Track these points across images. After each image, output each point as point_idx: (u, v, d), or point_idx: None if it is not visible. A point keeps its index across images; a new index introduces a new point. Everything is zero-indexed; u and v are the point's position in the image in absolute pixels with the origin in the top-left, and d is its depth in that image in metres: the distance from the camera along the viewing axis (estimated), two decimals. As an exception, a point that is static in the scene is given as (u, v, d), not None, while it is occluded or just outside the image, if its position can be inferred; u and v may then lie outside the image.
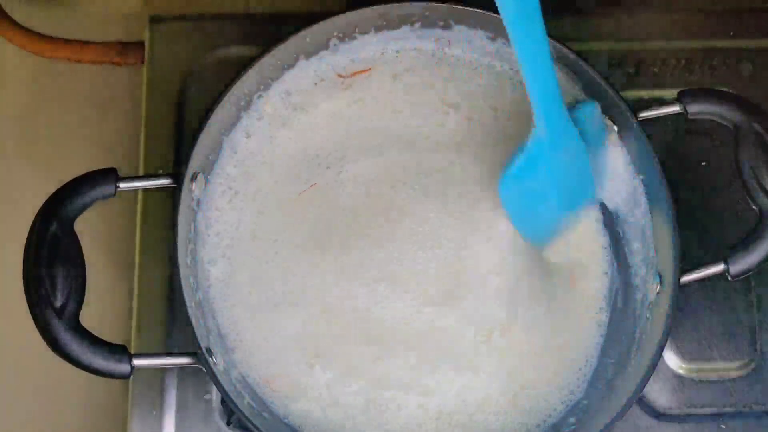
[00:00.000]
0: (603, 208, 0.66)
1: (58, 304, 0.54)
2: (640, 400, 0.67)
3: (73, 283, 0.54)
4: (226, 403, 0.57)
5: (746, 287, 0.70)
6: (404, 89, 0.68)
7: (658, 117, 0.61)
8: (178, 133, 0.71)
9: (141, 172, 0.69)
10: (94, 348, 0.54)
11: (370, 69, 0.67)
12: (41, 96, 0.77)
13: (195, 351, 0.56)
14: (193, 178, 0.60)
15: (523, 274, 0.64)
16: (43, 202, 0.56)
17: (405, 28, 0.67)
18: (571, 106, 0.61)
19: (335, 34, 0.66)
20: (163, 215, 0.67)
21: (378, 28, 0.66)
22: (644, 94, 0.73)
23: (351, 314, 0.62)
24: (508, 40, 0.65)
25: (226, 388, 0.56)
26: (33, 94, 0.77)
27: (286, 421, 0.61)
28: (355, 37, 0.66)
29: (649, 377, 0.57)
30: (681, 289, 0.58)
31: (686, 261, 0.59)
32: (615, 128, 0.64)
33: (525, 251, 0.64)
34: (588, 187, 0.64)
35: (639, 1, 0.77)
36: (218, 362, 0.58)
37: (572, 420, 0.61)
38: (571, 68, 0.65)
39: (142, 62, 0.73)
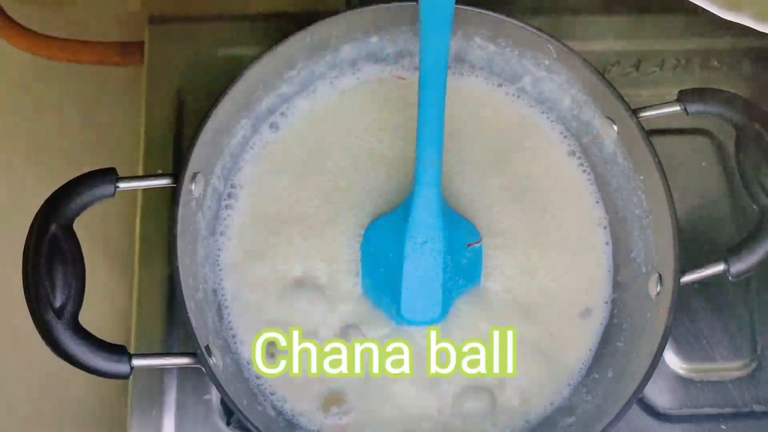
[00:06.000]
0: (604, 208, 0.67)
1: (57, 304, 0.53)
2: (640, 401, 0.67)
3: (72, 284, 0.54)
4: (226, 403, 0.57)
5: (746, 287, 0.70)
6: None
7: (658, 116, 0.61)
8: (178, 133, 0.71)
9: (141, 172, 0.69)
10: (93, 348, 0.54)
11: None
12: (41, 96, 0.77)
13: (194, 351, 0.56)
14: (193, 178, 0.60)
15: (525, 272, 0.65)
16: (43, 202, 0.56)
17: (405, 28, 0.67)
18: (459, 219, 0.64)
19: (335, 34, 0.66)
20: (163, 215, 0.67)
21: (378, 28, 0.66)
22: (644, 93, 0.73)
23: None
24: (508, 40, 0.66)
25: (225, 388, 0.56)
26: (33, 94, 0.77)
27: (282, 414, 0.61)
28: (355, 37, 0.66)
29: (650, 377, 0.57)
30: (681, 289, 0.58)
31: (686, 261, 0.59)
32: (615, 128, 0.64)
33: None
34: (432, 298, 0.62)
35: (639, 0, 0.77)
36: (218, 362, 0.58)
37: (571, 420, 0.61)
38: (571, 68, 0.65)
39: (142, 62, 0.73)
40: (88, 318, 0.55)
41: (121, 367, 0.54)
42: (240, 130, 0.65)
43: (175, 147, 0.70)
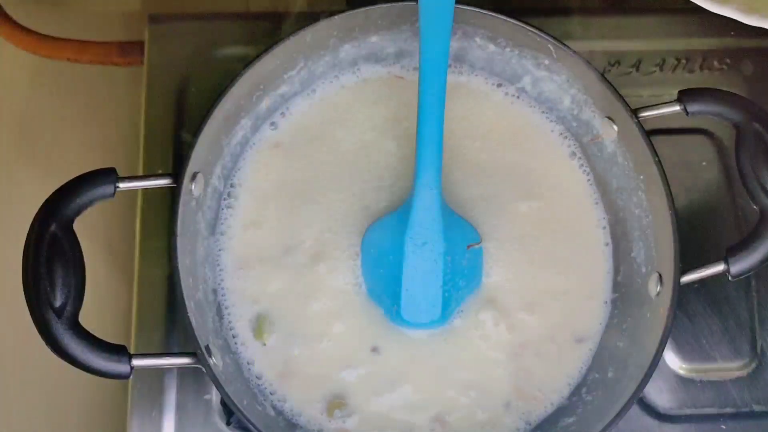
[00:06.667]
0: (604, 208, 0.67)
1: (57, 304, 0.53)
2: (640, 401, 0.67)
3: (72, 283, 0.54)
4: (226, 403, 0.57)
5: (746, 287, 0.70)
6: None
7: (658, 116, 0.61)
8: (178, 133, 0.71)
9: (141, 172, 0.69)
10: (93, 348, 0.54)
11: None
12: (41, 96, 0.77)
13: (194, 351, 0.56)
14: (193, 178, 0.60)
15: (525, 272, 0.65)
16: (43, 202, 0.56)
17: (405, 28, 0.67)
18: (459, 220, 0.64)
19: (335, 34, 0.66)
20: (163, 215, 0.67)
21: (378, 28, 0.66)
22: (644, 93, 0.73)
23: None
24: (508, 40, 0.66)
25: (225, 388, 0.56)
26: (33, 94, 0.77)
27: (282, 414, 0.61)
28: (355, 37, 0.66)
29: (650, 377, 0.57)
30: (681, 289, 0.58)
31: (686, 261, 0.59)
32: (615, 128, 0.64)
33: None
34: (432, 299, 0.62)
35: (639, 0, 0.77)
36: (218, 362, 0.58)
37: (571, 420, 0.61)
38: (571, 68, 0.65)
39: (142, 62, 0.73)
40: (88, 318, 0.55)
41: (121, 367, 0.54)
42: (240, 130, 0.65)
43: (175, 147, 0.70)
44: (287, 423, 0.61)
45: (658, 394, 0.67)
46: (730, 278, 0.59)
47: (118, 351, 0.55)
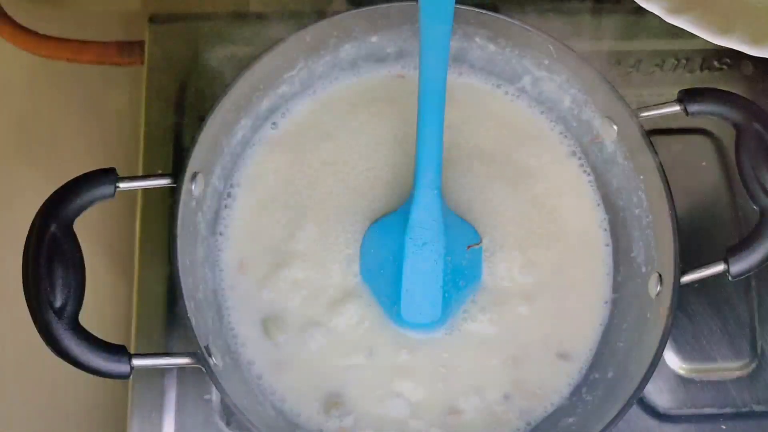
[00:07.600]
0: (604, 208, 0.67)
1: (57, 304, 0.53)
2: (640, 401, 0.67)
3: (72, 284, 0.54)
4: (226, 403, 0.57)
5: (747, 287, 0.70)
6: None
7: (658, 116, 0.61)
8: (178, 133, 0.71)
9: (140, 172, 0.69)
10: (93, 348, 0.54)
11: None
12: (40, 96, 0.77)
13: (195, 351, 0.56)
14: (193, 178, 0.60)
15: (525, 273, 0.65)
16: (43, 202, 0.56)
17: (405, 28, 0.67)
18: (459, 220, 0.64)
19: (335, 34, 0.66)
20: (163, 215, 0.68)
21: (378, 28, 0.66)
22: (644, 93, 0.73)
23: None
24: (508, 40, 0.66)
25: (225, 388, 0.56)
26: (32, 94, 0.77)
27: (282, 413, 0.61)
28: (355, 37, 0.66)
29: (650, 377, 0.57)
30: (681, 289, 0.58)
31: (686, 261, 0.59)
32: (615, 128, 0.64)
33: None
34: (432, 299, 0.62)
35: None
36: (218, 362, 0.58)
37: (571, 420, 0.61)
38: (571, 68, 0.65)
39: (142, 62, 0.73)
40: (88, 318, 0.55)
41: (121, 367, 0.54)
42: (240, 130, 0.65)
43: (175, 147, 0.70)
44: (287, 423, 0.61)
45: (658, 394, 0.67)
46: (730, 278, 0.59)
47: (118, 351, 0.55)
